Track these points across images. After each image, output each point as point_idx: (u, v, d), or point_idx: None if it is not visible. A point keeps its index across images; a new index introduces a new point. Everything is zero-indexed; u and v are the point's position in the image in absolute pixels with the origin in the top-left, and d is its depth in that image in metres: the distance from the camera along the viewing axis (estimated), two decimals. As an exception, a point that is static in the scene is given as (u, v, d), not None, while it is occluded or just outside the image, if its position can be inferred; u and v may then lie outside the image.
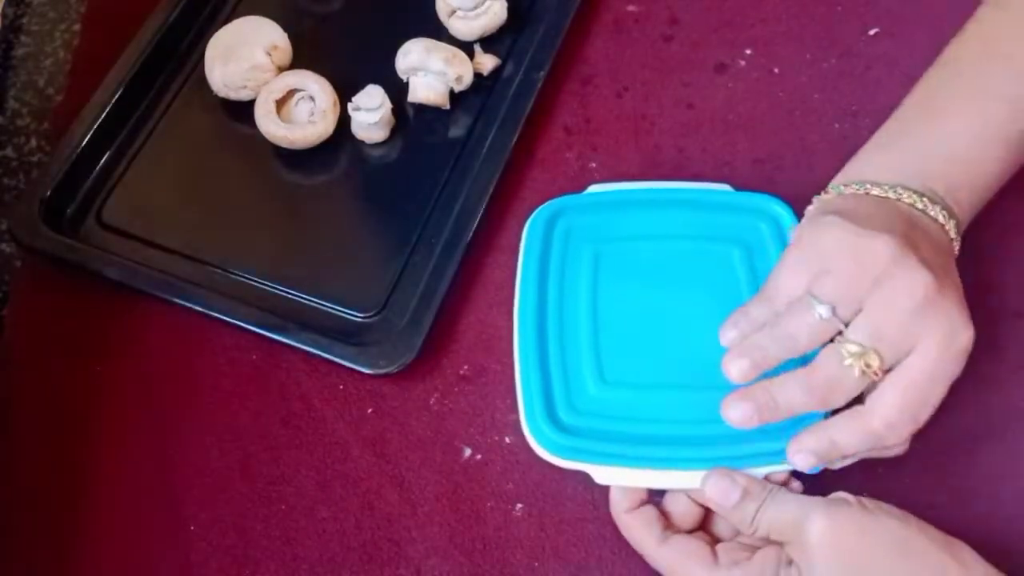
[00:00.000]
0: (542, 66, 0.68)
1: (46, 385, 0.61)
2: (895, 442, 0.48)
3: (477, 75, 0.69)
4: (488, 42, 0.71)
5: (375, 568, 0.55)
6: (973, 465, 0.56)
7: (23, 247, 0.64)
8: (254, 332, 0.60)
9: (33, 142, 0.70)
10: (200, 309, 0.61)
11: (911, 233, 0.49)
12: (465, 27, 0.70)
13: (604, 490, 0.53)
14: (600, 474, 0.51)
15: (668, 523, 0.51)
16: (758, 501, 0.49)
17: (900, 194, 0.50)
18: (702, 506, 0.51)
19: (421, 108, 0.69)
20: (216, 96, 0.69)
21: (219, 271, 0.63)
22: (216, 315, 0.60)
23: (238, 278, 0.63)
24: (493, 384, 0.59)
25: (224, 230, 0.65)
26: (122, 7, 0.74)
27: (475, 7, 0.69)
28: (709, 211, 0.60)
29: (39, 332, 0.63)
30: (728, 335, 0.50)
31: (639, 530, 0.51)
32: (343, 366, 0.59)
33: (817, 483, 0.50)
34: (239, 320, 0.60)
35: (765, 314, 0.50)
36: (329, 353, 0.59)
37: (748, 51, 0.70)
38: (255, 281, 0.63)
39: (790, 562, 0.47)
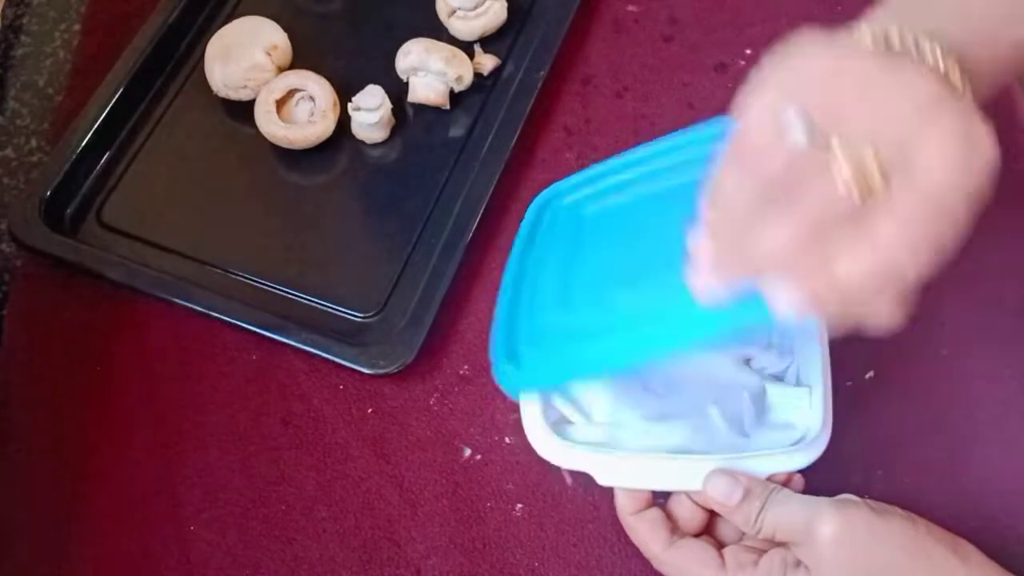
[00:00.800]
0: (542, 66, 0.68)
1: (46, 385, 0.61)
2: (911, 268, 0.38)
3: (477, 75, 0.69)
4: (488, 42, 0.71)
5: (375, 568, 0.55)
6: (973, 465, 0.56)
7: (23, 247, 0.64)
8: (254, 332, 0.60)
9: (33, 142, 0.70)
10: (200, 309, 0.61)
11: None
12: (465, 27, 0.70)
13: (604, 490, 0.53)
14: (602, 475, 0.51)
15: (674, 527, 0.51)
16: (760, 500, 0.48)
17: (874, 29, 0.41)
18: (706, 510, 0.51)
19: (421, 108, 0.69)
20: (216, 96, 0.69)
21: (219, 271, 0.63)
22: (216, 315, 0.60)
23: (238, 278, 0.63)
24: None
25: (224, 230, 0.65)
26: (122, 7, 0.74)
27: (475, 7, 0.69)
28: (696, 147, 0.54)
29: (39, 332, 0.63)
30: (705, 216, 0.42)
31: (646, 533, 0.50)
32: (343, 366, 0.59)
33: (816, 486, 0.50)
34: (239, 320, 0.60)
35: (736, 172, 0.40)
36: (329, 353, 0.59)
37: (748, 51, 0.70)
38: (255, 281, 0.63)
39: (797, 563, 0.47)
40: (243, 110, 0.68)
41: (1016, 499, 0.54)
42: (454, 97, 0.68)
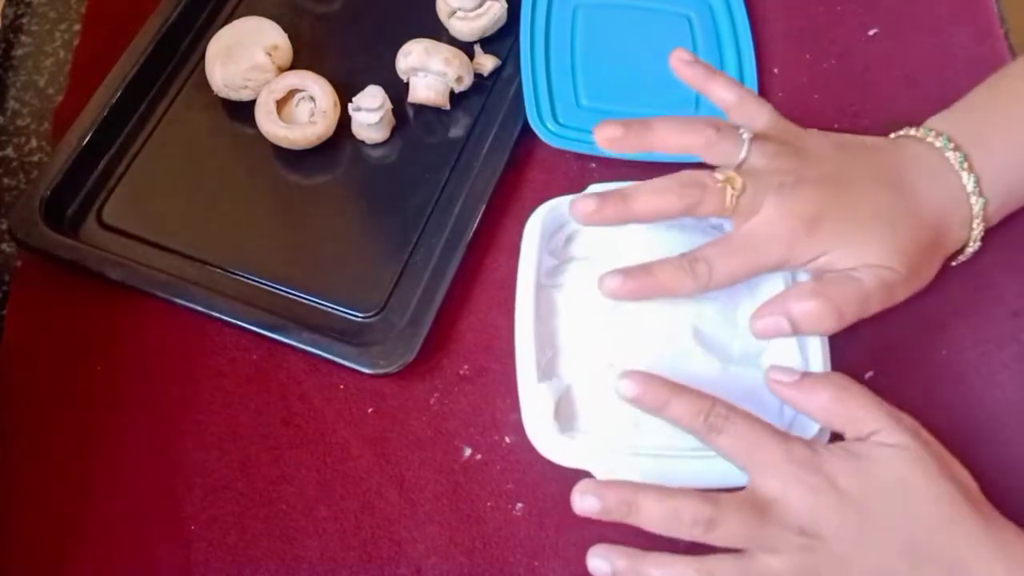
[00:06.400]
0: (542, 66, 0.68)
1: (46, 385, 0.61)
2: None
3: (477, 75, 0.69)
4: (488, 42, 0.71)
5: (375, 568, 0.55)
6: (972, 463, 0.55)
7: (23, 247, 0.64)
8: (254, 332, 0.60)
9: (33, 142, 0.70)
10: (201, 309, 0.61)
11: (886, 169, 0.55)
12: (465, 27, 0.70)
13: (604, 490, 0.53)
14: (602, 472, 0.51)
15: None
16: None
17: (928, 134, 0.56)
18: None
19: (421, 108, 0.69)
20: (216, 96, 0.69)
21: (219, 271, 0.63)
22: (216, 315, 0.60)
23: (238, 278, 0.63)
24: (493, 384, 0.59)
25: (224, 230, 0.65)
26: (122, 7, 0.74)
27: (475, 7, 0.69)
28: None
29: (39, 332, 0.63)
30: None
31: None
32: (343, 366, 0.59)
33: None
34: (239, 320, 0.60)
35: None
36: (329, 353, 0.59)
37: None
38: (255, 281, 0.63)
39: None
40: (243, 110, 0.68)
41: (1016, 499, 0.54)
42: (454, 97, 0.68)
